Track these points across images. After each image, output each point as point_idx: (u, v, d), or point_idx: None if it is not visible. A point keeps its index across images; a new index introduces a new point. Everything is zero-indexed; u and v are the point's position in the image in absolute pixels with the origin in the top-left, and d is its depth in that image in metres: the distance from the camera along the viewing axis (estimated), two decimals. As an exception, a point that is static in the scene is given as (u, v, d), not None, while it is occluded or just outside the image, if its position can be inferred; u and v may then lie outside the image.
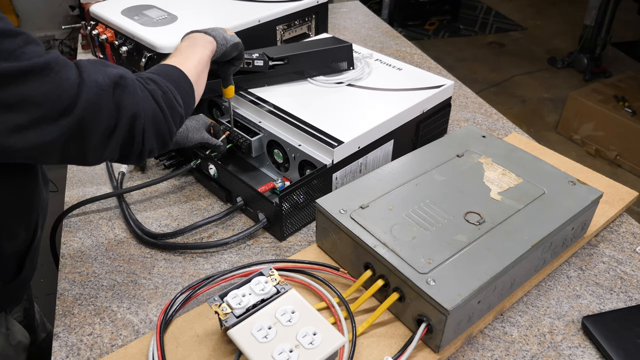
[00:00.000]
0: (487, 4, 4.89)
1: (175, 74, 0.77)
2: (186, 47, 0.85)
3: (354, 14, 2.05)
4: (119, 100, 0.65)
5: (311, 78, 1.16)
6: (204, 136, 1.02)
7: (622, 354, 0.74)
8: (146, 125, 0.68)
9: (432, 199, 0.86)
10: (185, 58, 0.82)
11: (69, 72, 0.61)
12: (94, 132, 0.64)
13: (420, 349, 0.74)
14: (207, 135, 1.03)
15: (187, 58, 0.82)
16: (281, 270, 0.83)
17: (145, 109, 0.68)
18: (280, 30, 1.43)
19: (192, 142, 1.01)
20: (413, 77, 1.18)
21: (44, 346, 1.10)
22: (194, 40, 0.86)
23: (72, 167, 1.16)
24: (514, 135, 1.23)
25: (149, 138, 0.69)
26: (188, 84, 0.78)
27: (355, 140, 0.97)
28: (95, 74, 0.63)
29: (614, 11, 3.39)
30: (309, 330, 0.67)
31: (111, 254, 0.94)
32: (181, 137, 1.00)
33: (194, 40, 0.86)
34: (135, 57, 1.26)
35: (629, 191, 1.03)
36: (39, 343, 1.09)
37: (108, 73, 0.65)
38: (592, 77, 3.58)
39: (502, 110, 1.56)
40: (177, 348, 0.74)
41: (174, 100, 0.72)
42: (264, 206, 0.94)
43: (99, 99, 0.63)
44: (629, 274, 0.89)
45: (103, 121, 0.64)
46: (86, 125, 0.62)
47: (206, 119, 1.05)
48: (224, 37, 0.90)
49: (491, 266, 0.74)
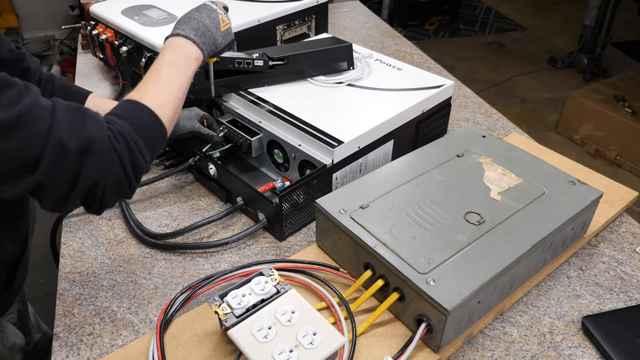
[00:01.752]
0: (487, 4, 4.89)
1: (147, 120, 0.69)
2: (168, 66, 0.76)
3: (354, 14, 2.05)
4: (81, 168, 0.60)
5: (311, 78, 1.16)
6: (195, 125, 1.01)
7: (622, 354, 0.74)
8: (106, 191, 0.64)
9: (432, 199, 0.86)
10: (163, 87, 0.74)
11: (39, 125, 0.57)
12: (51, 193, 0.61)
13: (420, 349, 0.74)
14: (199, 125, 1.01)
15: (165, 88, 0.74)
16: (281, 270, 0.83)
17: (108, 176, 0.63)
18: (280, 30, 1.43)
19: (182, 130, 1.00)
20: (413, 77, 1.18)
21: (39, 347, 1.10)
22: (177, 55, 0.78)
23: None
24: (514, 135, 1.23)
25: (107, 199, 0.66)
26: (160, 131, 0.71)
27: (355, 140, 0.97)
28: (65, 132, 0.59)
29: (614, 11, 3.38)
30: (309, 330, 0.67)
31: (111, 254, 0.94)
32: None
33: (176, 56, 0.78)
34: (135, 57, 1.26)
35: (629, 191, 1.03)
36: (35, 344, 1.09)
37: (79, 134, 0.60)
38: (592, 77, 3.58)
39: (502, 110, 1.56)
40: (177, 348, 0.74)
41: (140, 157, 0.67)
42: (264, 206, 0.94)
43: (61, 164, 0.59)
44: (629, 274, 0.89)
45: (61, 185, 0.61)
46: (44, 187, 0.60)
47: (199, 111, 1.04)
48: (213, 44, 0.84)
49: (491, 266, 0.74)
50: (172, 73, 0.75)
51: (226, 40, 0.87)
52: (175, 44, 0.79)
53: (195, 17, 0.83)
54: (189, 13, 0.84)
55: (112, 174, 0.64)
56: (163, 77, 0.75)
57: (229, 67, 1.08)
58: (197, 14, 0.83)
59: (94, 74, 1.54)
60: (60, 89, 0.93)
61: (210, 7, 0.86)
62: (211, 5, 0.86)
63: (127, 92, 1.39)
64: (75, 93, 0.95)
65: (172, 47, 0.79)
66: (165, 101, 0.72)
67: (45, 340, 1.12)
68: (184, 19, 0.83)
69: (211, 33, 0.83)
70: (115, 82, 1.47)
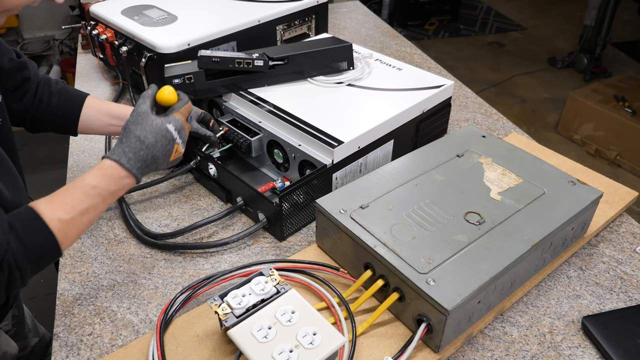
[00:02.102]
0: (487, 4, 4.89)
1: (44, 246, 0.65)
2: (93, 195, 0.69)
3: (354, 14, 2.05)
4: None
5: (311, 78, 1.16)
6: (194, 125, 1.00)
7: (622, 354, 0.74)
8: None
9: (432, 199, 0.86)
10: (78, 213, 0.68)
11: None
12: None
13: (420, 349, 0.74)
14: (197, 125, 1.00)
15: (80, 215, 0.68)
16: (281, 270, 0.83)
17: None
18: (280, 30, 1.43)
19: None
20: (413, 77, 1.17)
21: (36, 350, 1.10)
22: (111, 186, 0.71)
23: (72, 167, 1.16)
24: (514, 135, 1.23)
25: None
26: (53, 255, 0.67)
27: (355, 140, 0.97)
28: None
29: (614, 11, 3.39)
30: (309, 330, 0.67)
31: (111, 254, 0.94)
32: None
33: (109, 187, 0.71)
34: (135, 57, 1.26)
35: (629, 191, 1.03)
36: (32, 348, 1.08)
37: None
38: (592, 77, 3.58)
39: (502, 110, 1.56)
40: (177, 348, 0.74)
41: (18, 282, 0.64)
42: (264, 206, 0.94)
43: None
44: (629, 274, 0.89)
45: None
46: None
47: (198, 110, 1.03)
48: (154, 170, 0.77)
49: (491, 266, 0.74)
50: (95, 202, 0.69)
51: (169, 165, 0.80)
52: (112, 172, 0.71)
53: (149, 146, 0.73)
54: (145, 137, 0.73)
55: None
56: (84, 202, 0.68)
57: (229, 67, 1.08)
58: (152, 142, 0.74)
59: (94, 74, 1.54)
60: (58, 93, 0.94)
61: (171, 136, 0.76)
62: (172, 134, 0.76)
63: (127, 93, 1.39)
64: (74, 96, 0.95)
65: (108, 175, 0.71)
66: (75, 228, 0.68)
67: (42, 343, 1.11)
68: (135, 143, 0.73)
69: (157, 164, 0.76)
70: (115, 82, 1.47)
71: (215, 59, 1.06)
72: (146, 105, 0.77)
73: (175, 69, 1.10)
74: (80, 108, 0.95)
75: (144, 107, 0.77)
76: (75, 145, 1.24)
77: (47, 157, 2.86)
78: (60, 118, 0.95)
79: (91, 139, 1.25)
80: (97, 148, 1.22)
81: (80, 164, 1.18)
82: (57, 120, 0.95)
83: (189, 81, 1.08)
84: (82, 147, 1.23)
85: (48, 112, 0.93)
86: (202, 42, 1.23)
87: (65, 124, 0.96)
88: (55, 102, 0.93)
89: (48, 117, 0.94)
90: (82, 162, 1.18)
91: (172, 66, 1.11)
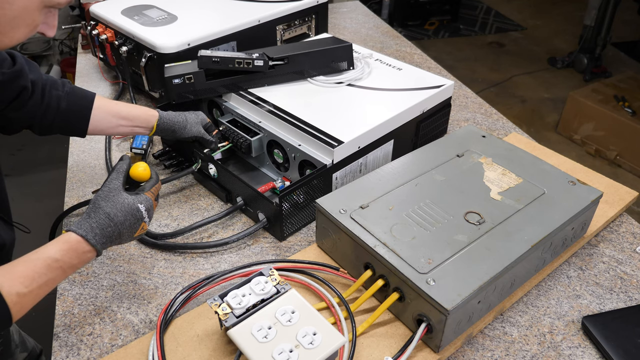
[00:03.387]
0: (487, 4, 4.89)
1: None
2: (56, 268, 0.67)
3: (354, 14, 2.05)
4: None
5: (311, 78, 1.16)
6: (200, 131, 1.04)
7: (622, 354, 0.74)
8: None
9: (432, 199, 0.86)
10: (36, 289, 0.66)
11: None
12: None
13: (420, 349, 0.74)
14: (203, 131, 1.04)
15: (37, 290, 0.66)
16: (281, 270, 0.83)
17: None
18: (280, 30, 1.43)
19: (189, 134, 1.02)
20: (413, 77, 1.17)
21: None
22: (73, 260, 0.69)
23: (72, 167, 1.16)
24: (514, 135, 1.23)
25: None
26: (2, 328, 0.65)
27: (355, 140, 0.97)
28: None
29: (614, 11, 3.38)
30: (309, 330, 0.67)
31: (111, 254, 0.94)
32: (180, 127, 1.01)
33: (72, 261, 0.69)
34: (135, 57, 1.26)
35: (629, 191, 1.03)
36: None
37: None
38: (592, 77, 3.58)
39: (502, 110, 1.56)
40: (177, 348, 0.74)
41: None
42: (264, 206, 0.94)
43: None
44: (629, 274, 0.89)
45: None
46: None
47: (205, 117, 1.06)
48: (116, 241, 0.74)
49: (491, 266, 0.74)
50: (55, 275, 0.68)
51: (131, 240, 0.78)
52: (77, 247, 0.69)
53: (117, 223, 0.72)
54: (114, 215, 0.72)
55: None
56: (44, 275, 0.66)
57: (229, 67, 1.08)
58: (121, 219, 0.73)
59: (94, 74, 1.54)
60: (66, 96, 0.92)
61: (140, 215, 0.75)
62: (142, 214, 0.75)
63: (127, 93, 1.39)
64: (82, 97, 0.94)
65: (72, 249, 0.69)
66: (31, 302, 0.66)
67: (32, 356, 1.10)
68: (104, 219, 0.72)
69: (120, 240, 0.75)
70: (115, 82, 1.47)
71: (215, 59, 1.06)
72: (119, 181, 0.76)
73: (175, 69, 1.10)
74: (89, 111, 0.94)
75: (116, 184, 0.76)
76: (75, 145, 1.24)
77: (47, 157, 2.86)
78: (69, 122, 0.94)
79: (91, 139, 1.25)
80: (97, 148, 1.22)
81: (80, 164, 1.18)
82: (67, 124, 0.94)
83: (189, 81, 1.08)
84: (82, 147, 1.23)
85: (58, 116, 0.91)
86: (202, 42, 1.23)
87: (74, 127, 0.94)
88: (65, 106, 0.92)
89: (57, 121, 0.92)
90: (82, 162, 1.18)
91: (172, 66, 1.11)
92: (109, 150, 1.19)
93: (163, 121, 0.99)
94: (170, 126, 1.00)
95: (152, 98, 1.35)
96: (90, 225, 0.71)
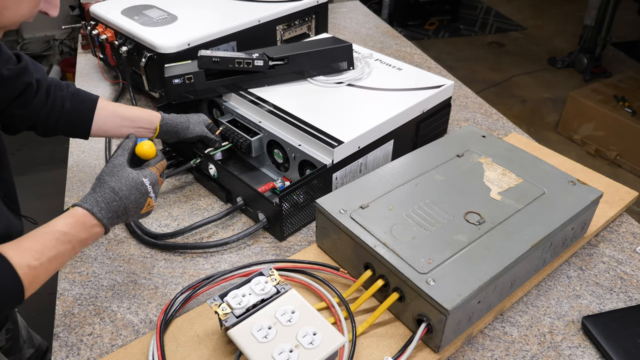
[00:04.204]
0: (487, 4, 4.89)
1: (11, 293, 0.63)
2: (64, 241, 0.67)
3: (354, 14, 2.05)
4: None
5: (311, 78, 1.16)
6: (204, 130, 1.04)
7: (622, 354, 0.74)
8: None
9: (432, 199, 0.86)
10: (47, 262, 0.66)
11: None
12: None
13: (420, 349, 0.74)
14: (206, 130, 1.05)
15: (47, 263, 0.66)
16: (281, 270, 0.83)
17: None
18: (280, 30, 1.43)
19: (192, 133, 1.02)
20: (413, 77, 1.17)
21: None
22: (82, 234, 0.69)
23: (72, 167, 1.16)
24: (514, 135, 1.23)
25: None
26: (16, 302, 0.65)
27: (355, 140, 0.97)
28: None
29: (614, 11, 3.39)
30: (309, 330, 0.67)
31: (111, 254, 0.94)
32: (182, 128, 1.01)
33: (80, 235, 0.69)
34: (135, 57, 1.26)
35: (629, 191, 1.03)
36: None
37: None
38: (592, 77, 3.58)
39: (502, 110, 1.56)
40: (177, 348, 0.74)
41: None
42: (264, 206, 0.94)
43: None
44: (629, 274, 0.89)
45: None
46: None
47: (206, 118, 1.06)
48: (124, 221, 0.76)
49: (491, 266, 0.74)
50: (65, 248, 0.68)
51: (139, 218, 0.79)
52: (83, 220, 0.70)
53: (122, 197, 0.73)
54: (119, 189, 0.73)
55: None
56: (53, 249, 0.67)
57: (229, 67, 1.08)
58: (126, 194, 0.73)
59: (94, 74, 1.54)
60: (70, 97, 0.93)
61: (145, 189, 0.76)
62: (147, 188, 0.76)
63: (127, 93, 1.39)
64: (86, 99, 0.95)
65: (79, 222, 0.69)
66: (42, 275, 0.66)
67: (38, 353, 1.11)
68: (109, 193, 0.72)
69: (127, 216, 0.75)
70: (115, 82, 1.47)
71: (215, 59, 1.06)
72: (124, 158, 0.77)
73: (175, 69, 1.10)
74: (93, 112, 0.94)
75: (121, 160, 0.77)
76: (75, 145, 1.24)
77: (47, 157, 2.86)
78: (73, 123, 0.94)
79: (91, 139, 1.25)
80: (97, 148, 1.22)
81: (80, 164, 1.18)
82: (71, 125, 0.94)
83: (189, 81, 1.08)
84: (82, 147, 1.23)
85: (62, 117, 0.92)
86: (202, 42, 1.23)
87: (78, 129, 0.95)
88: (69, 107, 0.92)
89: (62, 122, 0.93)
90: (82, 162, 1.18)
91: (172, 66, 1.11)
92: (109, 150, 1.19)
93: (166, 122, 0.99)
94: (173, 127, 1.00)
95: (152, 98, 1.35)
96: (96, 199, 0.71)
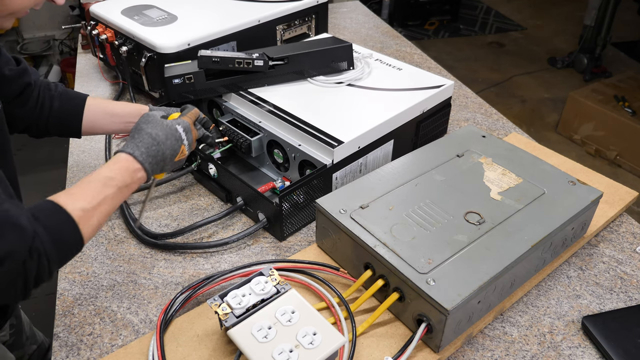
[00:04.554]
0: (487, 4, 4.89)
1: (70, 237, 0.65)
2: (110, 185, 0.71)
3: (354, 14, 2.05)
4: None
5: (311, 78, 1.16)
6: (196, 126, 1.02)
7: (622, 354, 0.74)
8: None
9: (432, 199, 0.86)
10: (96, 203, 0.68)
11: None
12: None
13: (420, 349, 0.74)
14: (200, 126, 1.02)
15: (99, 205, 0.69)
16: (281, 270, 0.83)
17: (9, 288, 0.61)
18: (280, 30, 1.43)
19: None
20: (413, 77, 1.17)
21: (34, 359, 1.09)
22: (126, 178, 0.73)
23: (72, 167, 1.16)
24: (514, 135, 1.23)
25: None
26: (78, 248, 0.68)
27: (355, 140, 0.97)
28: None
29: (614, 11, 3.38)
30: (309, 330, 0.67)
31: (111, 254, 0.94)
32: None
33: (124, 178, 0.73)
34: (135, 57, 1.26)
35: (629, 191, 1.03)
36: (29, 356, 1.08)
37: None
38: (592, 77, 3.58)
39: (502, 110, 1.56)
40: (177, 348, 0.74)
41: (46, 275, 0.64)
42: (264, 206, 0.94)
43: None
44: (629, 274, 0.89)
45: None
46: None
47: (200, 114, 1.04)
48: (161, 169, 0.80)
49: (491, 266, 0.74)
50: (112, 192, 0.71)
51: (174, 167, 0.84)
52: (127, 165, 0.74)
53: (160, 142, 0.78)
54: (156, 134, 0.78)
55: (12, 287, 0.61)
56: (102, 193, 0.70)
57: (229, 67, 1.08)
58: (163, 139, 0.79)
59: (94, 74, 1.54)
60: (59, 96, 0.94)
61: (179, 136, 0.81)
62: (181, 135, 0.82)
63: (127, 93, 1.39)
64: (74, 97, 0.96)
65: (123, 167, 0.74)
66: (95, 218, 0.68)
67: (41, 350, 1.11)
68: (147, 139, 0.77)
69: (165, 162, 0.80)
70: (115, 82, 1.47)
71: (215, 59, 1.06)
72: (159, 112, 0.85)
73: (175, 69, 1.10)
74: (82, 109, 0.95)
75: (156, 114, 0.83)
76: (75, 145, 1.24)
77: (47, 157, 2.86)
78: (63, 121, 0.95)
79: (91, 139, 1.25)
80: (97, 148, 1.22)
81: (80, 164, 1.18)
82: (61, 123, 0.95)
83: (189, 81, 1.08)
84: (82, 147, 1.23)
85: (51, 116, 0.94)
86: (202, 42, 1.23)
87: (69, 127, 0.96)
88: (57, 105, 0.94)
89: (52, 121, 0.94)
90: (82, 162, 1.18)
91: (172, 66, 1.11)
92: (109, 150, 1.19)
93: None
94: None
95: (152, 98, 1.35)
96: (136, 144, 0.76)
